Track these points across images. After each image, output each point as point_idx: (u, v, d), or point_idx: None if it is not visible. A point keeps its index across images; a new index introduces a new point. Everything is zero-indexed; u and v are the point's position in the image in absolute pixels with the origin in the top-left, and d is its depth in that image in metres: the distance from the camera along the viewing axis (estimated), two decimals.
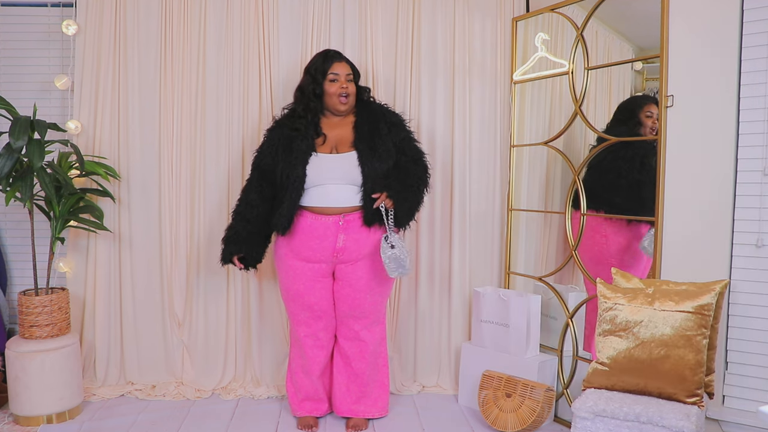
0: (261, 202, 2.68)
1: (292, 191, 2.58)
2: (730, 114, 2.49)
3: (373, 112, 2.72)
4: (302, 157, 2.59)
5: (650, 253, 2.57)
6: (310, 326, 2.75)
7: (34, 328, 2.78)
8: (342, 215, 2.60)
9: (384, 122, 2.68)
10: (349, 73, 2.68)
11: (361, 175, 2.59)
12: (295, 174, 2.58)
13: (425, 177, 2.72)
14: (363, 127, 2.66)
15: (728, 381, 2.56)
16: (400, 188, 2.61)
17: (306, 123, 2.66)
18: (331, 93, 2.66)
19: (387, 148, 2.64)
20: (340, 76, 2.66)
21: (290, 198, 2.59)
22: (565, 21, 2.87)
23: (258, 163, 2.72)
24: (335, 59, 2.68)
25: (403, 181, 2.63)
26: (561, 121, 2.97)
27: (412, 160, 2.70)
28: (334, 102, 2.66)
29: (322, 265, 2.67)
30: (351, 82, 2.69)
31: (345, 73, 2.67)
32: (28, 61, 3.27)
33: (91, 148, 3.09)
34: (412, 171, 2.68)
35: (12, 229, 3.35)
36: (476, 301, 3.01)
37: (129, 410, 2.93)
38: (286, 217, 2.59)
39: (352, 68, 2.73)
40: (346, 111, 2.70)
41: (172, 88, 3.11)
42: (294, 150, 2.61)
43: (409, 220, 2.66)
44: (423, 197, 2.71)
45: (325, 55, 2.71)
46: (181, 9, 3.10)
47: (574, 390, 2.78)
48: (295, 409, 2.87)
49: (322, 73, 2.67)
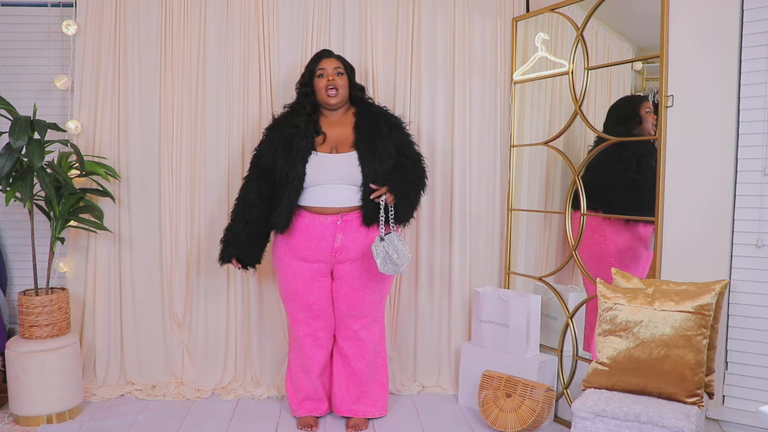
0: (260, 202, 2.68)
1: (291, 190, 2.58)
2: (730, 114, 2.49)
3: (373, 114, 2.73)
4: (302, 156, 2.60)
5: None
6: (309, 326, 2.76)
7: (34, 328, 2.78)
8: (340, 215, 2.60)
9: (384, 123, 2.70)
10: (337, 67, 2.70)
11: (362, 175, 2.59)
12: (294, 173, 2.58)
13: (423, 179, 2.74)
14: (364, 128, 2.67)
15: (728, 381, 2.55)
16: (402, 184, 2.61)
17: (305, 120, 2.67)
18: (319, 88, 2.69)
19: (387, 149, 2.64)
20: (327, 70, 2.69)
21: (289, 197, 2.59)
22: (565, 21, 2.87)
23: (257, 162, 2.72)
24: (323, 57, 2.73)
25: (403, 178, 2.64)
26: (561, 121, 2.97)
27: (410, 161, 2.71)
28: (323, 96, 2.68)
29: (320, 265, 2.67)
30: (341, 75, 2.70)
31: (332, 67, 2.70)
32: (28, 61, 3.27)
33: (91, 148, 3.09)
34: (411, 171, 2.69)
35: (12, 229, 3.35)
36: (476, 301, 3.01)
37: (129, 410, 2.94)
38: (285, 215, 2.60)
39: (343, 63, 2.75)
40: (337, 104, 2.71)
41: (172, 88, 3.11)
42: (294, 148, 2.61)
43: (408, 217, 2.67)
44: (420, 198, 2.73)
45: (316, 55, 2.77)
46: (181, 9, 3.10)
47: (574, 390, 2.78)
48: (294, 409, 2.87)
49: (310, 71, 2.73)
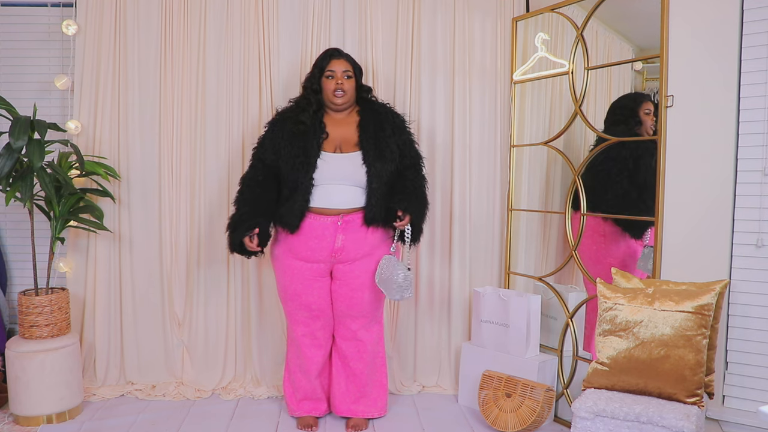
0: (267, 185, 2.64)
1: (303, 191, 2.57)
2: (730, 114, 2.49)
3: (376, 112, 2.73)
4: (313, 158, 2.59)
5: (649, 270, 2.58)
6: (308, 326, 2.75)
7: (34, 328, 2.78)
8: (341, 216, 2.60)
9: (388, 123, 2.70)
10: (346, 70, 2.70)
11: (366, 175, 2.60)
12: (305, 175, 2.57)
13: (426, 190, 2.74)
14: (368, 128, 2.67)
15: (728, 381, 2.56)
16: (419, 207, 2.63)
17: (310, 117, 2.67)
18: (326, 89, 2.69)
19: (391, 149, 2.65)
20: (336, 72, 2.68)
21: (303, 198, 2.57)
22: (565, 21, 2.87)
23: (260, 156, 2.70)
24: (334, 57, 2.72)
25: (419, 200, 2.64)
26: (561, 121, 2.97)
27: (413, 167, 2.72)
28: (330, 97, 2.69)
29: (320, 265, 2.67)
30: (349, 78, 2.70)
31: (342, 70, 2.69)
32: (28, 61, 3.27)
33: (91, 148, 3.09)
34: (419, 186, 2.69)
35: (12, 229, 3.35)
36: (476, 301, 3.01)
37: (129, 410, 2.93)
38: (297, 216, 2.58)
39: (353, 65, 2.74)
40: (343, 105, 2.70)
41: (172, 88, 3.11)
42: (303, 149, 2.60)
43: (420, 234, 2.68)
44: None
45: (326, 53, 2.75)
46: (181, 9, 3.09)
47: (574, 390, 2.78)
48: (292, 409, 2.87)
49: (320, 69, 2.71)
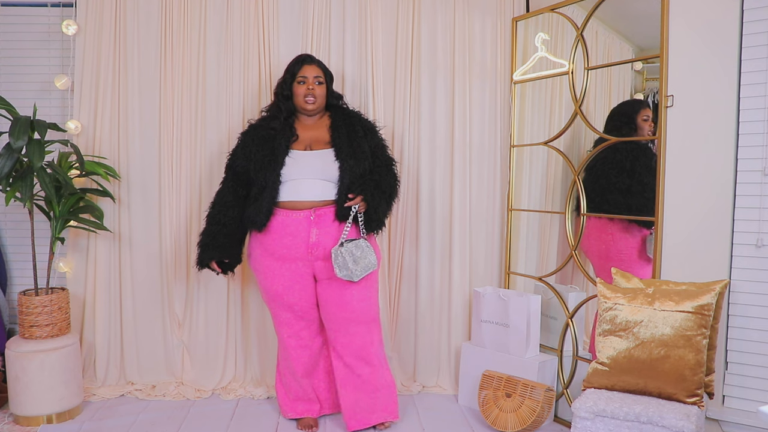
0: (236, 203, 2.70)
1: (271, 188, 2.60)
2: (730, 114, 2.49)
3: (348, 116, 2.77)
4: (280, 155, 2.62)
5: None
6: (292, 326, 2.74)
7: (34, 328, 2.78)
8: (313, 210, 2.60)
9: (360, 126, 2.73)
10: (317, 75, 2.74)
11: (339, 170, 2.61)
12: (272, 171, 2.60)
13: (396, 187, 2.75)
14: (340, 129, 2.70)
15: (728, 381, 2.56)
16: (376, 194, 2.62)
17: (281, 123, 2.71)
18: (297, 93, 2.73)
19: (363, 149, 2.67)
20: (308, 78, 2.72)
21: (270, 195, 2.60)
22: (565, 21, 2.87)
23: (231, 164, 2.75)
24: (306, 62, 2.76)
25: (378, 188, 2.64)
26: (561, 121, 2.97)
27: (384, 166, 2.73)
28: (301, 102, 2.72)
29: (298, 264, 2.64)
30: (320, 84, 2.74)
31: (313, 75, 2.73)
32: (28, 61, 3.27)
33: (91, 148, 3.09)
34: (386, 179, 2.69)
35: (12, 229, 3.35)
36: (476, 301, 3.01)
37: (129, 410, 2.94)
38: (264, 213, 2.60)
39: (324, 71, 2.78)
40: (314, 110, 2.74)
41: (172, 88, 3.11)
42: (272, 149, 2.63)
43: (380, 225, 2.66)
44: (393, 206, 2.74)
45: (298, 58, 2.79)
46: (181, 9, 3.10)
47: (574, 390, 2.78)
48: (285, 410, 2.85)
49: (292, 75, 2.75)
